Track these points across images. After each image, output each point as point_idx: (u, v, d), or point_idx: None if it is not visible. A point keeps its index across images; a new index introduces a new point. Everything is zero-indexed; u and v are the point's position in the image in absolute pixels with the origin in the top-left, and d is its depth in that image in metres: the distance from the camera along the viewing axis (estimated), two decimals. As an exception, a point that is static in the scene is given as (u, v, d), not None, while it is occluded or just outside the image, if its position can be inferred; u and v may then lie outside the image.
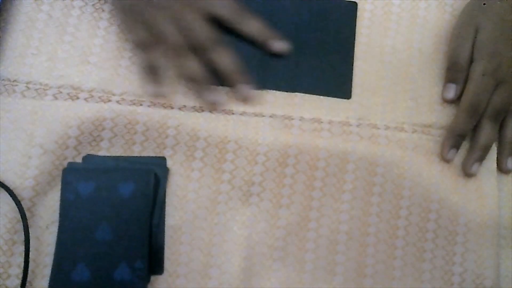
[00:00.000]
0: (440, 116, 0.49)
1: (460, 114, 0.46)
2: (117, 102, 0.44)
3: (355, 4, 0.50)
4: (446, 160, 0.47)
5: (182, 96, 0.46)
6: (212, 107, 0.45)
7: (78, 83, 0.44)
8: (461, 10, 0.50)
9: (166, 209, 0.43)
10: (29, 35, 0.45)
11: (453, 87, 0.48)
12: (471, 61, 0.47)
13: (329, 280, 0.44)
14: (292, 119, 0.46)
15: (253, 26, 0.46)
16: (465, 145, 0.48)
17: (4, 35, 0.44)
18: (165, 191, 0.43)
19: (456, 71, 0.47)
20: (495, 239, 0.47)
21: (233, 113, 0.46)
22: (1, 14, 0.45)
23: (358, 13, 0.50)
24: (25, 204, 0.41)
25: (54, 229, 0.41)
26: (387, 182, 0.46)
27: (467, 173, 0.47)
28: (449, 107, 0.49)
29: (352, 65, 0.48)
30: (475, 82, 0.46)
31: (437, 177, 0.47)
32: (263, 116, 0.46)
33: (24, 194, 0.41)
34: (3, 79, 0.43)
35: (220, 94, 0.46)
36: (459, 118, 0.47)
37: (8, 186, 0.40)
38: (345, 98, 0.47)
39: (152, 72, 0.45)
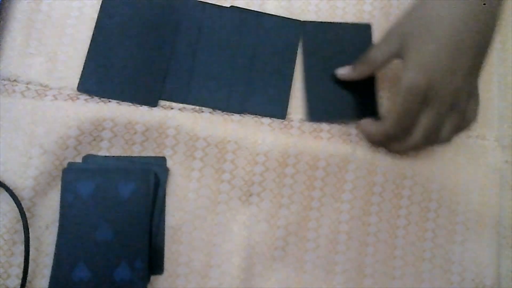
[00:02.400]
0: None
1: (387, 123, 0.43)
2: (117, 102, 0.44)
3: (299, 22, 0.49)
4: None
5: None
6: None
7: (79, 85, 0.44)
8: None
9: (166, 209, 0.43)
10: (28, 35, 0.45)
11: (347, 69, 0.46)
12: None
13: (329, 280, 0.44)
14: (292, 120, 0.46)
15: None
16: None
17: (3, 34, 0.44)
18: (165, 191, 0.43)
19: (362, 61, 0.45)
20: (495, 238, 0.47)
21: (233, 114, 0.46)
22: (0, 13, 0.45)
23: (358, 15, 0.50)
24: (25, 204, 0.41)
25: (54, 229, 0.41)
26: (387, 182, 0.46)
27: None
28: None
29: (290, 86, 0.47)
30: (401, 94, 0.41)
31: (437, 177, 0.47)
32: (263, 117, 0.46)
33: (24, 194, 0.41)
34: (3, 79, 0.43)
35: None
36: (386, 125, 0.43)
37: (8, 186, 0.40)
38: (281, 119, 0.46)
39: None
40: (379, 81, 0.48)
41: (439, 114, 0.40)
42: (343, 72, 0.47)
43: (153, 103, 0.44)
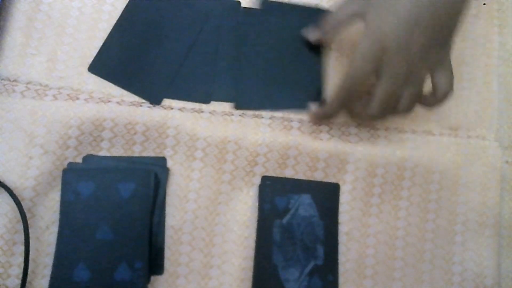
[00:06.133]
0: (439, 117, 0.49)
1: (332, 100, 0.44)
2: (117, 103, 0.44)
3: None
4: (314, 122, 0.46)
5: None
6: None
7: (78, 85, 0.44)
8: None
9: (166, 209, 0.43)
10: (28, 35, 0.45)
11: (312, 29, 0.47)
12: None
13: (329, 280, 0.45)
14: (292, 120, 0.46)
15: None
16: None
17: (3, 34, 0.44)
18: (165, 191, 0.43)
19: (326, 20, 0.45)
20: (495, 238, 0.47)
21: (232, 115, 0.46)
22: (0, 13, 0.45)
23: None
24: (25, 204, 0.41)
25: (54, 229, 0.41)
26: (386, 183, 0.46)
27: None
28: (449, 108, 0.49)
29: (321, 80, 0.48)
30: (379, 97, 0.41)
31: (436, 177, 0.47)
32: (263, 117, 0.46)
33: (24, 194, 0.41)
34: (3, 79, 0.43)
35: None
36: (332, 104, 0.44)
37: (9, 186, 0.40)
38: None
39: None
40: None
41: (394, 83, 0.41)
42: (308, 32, 0.47)
43: (156, 101, 0.45)
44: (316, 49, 0.48)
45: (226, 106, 0.46)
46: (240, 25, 0.48)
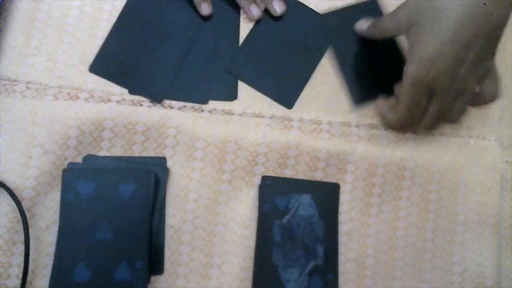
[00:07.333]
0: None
1: (396, 122, 0.45)
2: (117, 102, 0.44)
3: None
4: None
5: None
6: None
7: (78, 83, 0.44)
8: None
9: (166, 209, 0.43)
10: (29, 35, 0.45)
11: (361, 24, 0.48)
12: None
13: (329, 280, 0.45)
14: (292, 120, 0.46)
15: None
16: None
17: (3, 34, 0.44)
18: (165, 191, 0.43)
19: (374, 25, 0.47)
20: (495, 238, 0.47)
21: (232, 114, 0.46)
22: (0, 13, 0.45)
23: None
24: (25, 204, 0.41)
25: (54, 229, 0.41)
26: (386, 183, 0.46)
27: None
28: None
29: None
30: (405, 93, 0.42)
31: (437, 177, 0.47)
32: (263, 117, 0.46)
33: (24, 194, 0.41)
34: (3, 79, 0.43)
35: None
36: (395, 125, 0.46)
37: (9, 186, 0.40)
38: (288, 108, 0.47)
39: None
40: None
41: (445, 102, 0.42)
42: (358, 27, 0.48)
43: (158, 99, 0.45)
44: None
45: (226, 105, 0.46)
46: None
